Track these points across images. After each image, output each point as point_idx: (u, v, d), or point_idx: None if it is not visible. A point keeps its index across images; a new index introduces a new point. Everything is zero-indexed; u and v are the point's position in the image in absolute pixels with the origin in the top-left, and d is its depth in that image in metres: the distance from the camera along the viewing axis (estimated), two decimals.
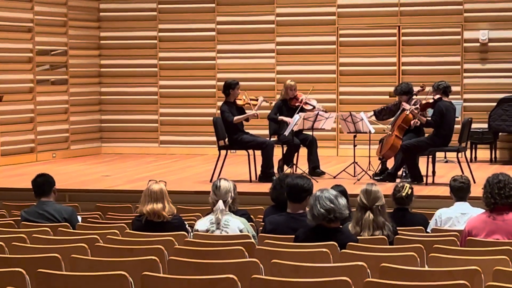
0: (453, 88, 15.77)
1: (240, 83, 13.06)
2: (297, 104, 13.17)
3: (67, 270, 5.99)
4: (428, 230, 8.06)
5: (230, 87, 12.70)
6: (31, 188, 8.57)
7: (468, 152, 13.96)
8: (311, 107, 13.19)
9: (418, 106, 12.35)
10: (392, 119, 12.96)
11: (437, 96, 12.21)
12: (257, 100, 13.01)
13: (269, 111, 13.41)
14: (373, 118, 13.19)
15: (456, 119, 14.92)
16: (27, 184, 8.77)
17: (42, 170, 9.39)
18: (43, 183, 8.50)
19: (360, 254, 6.18)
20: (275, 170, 12.89)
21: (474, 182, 10.54)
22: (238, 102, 12.79)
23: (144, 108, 17.49)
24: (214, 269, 5.75)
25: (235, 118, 12.58)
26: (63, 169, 14.61)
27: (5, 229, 7.93)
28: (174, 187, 11.30)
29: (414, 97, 12.87)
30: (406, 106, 12.59)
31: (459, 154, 12.56)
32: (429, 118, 12.27)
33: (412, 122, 12.47)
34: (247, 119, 12.80)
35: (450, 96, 12.63)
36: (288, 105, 13.28)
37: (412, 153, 12.24)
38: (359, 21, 16.53)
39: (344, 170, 13.00)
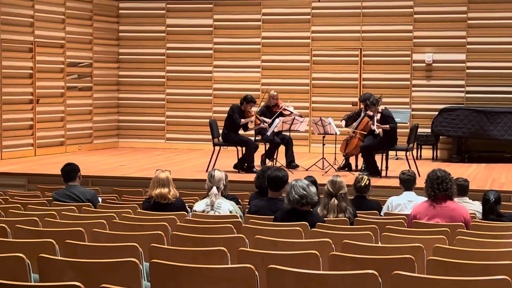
0: (403, 100, 15.99)
1: (232, 92, 13.08)
2: (278, 110, 13.21)
3: (89, 241, 5.97)
4: (382, 214, 8.05)
5: (245, 100, 12.70)
6: (61, 174, 8.55)
7: (414, 151, 14.01)
8: (289, 112, 13.23)
9: (371, 122, 12.37)
10: (355, 123, 12.97)
11: (381, 108, 12.22)
12: (260, 123, 13.00)
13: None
14: (343, 123, 13.17)
15: (405, 124, 15.05)
16: (57, 171, 8.73)
17: (70, 160, 9.36)
18: (70, 171, 8.46)
19: (326, 232, 6.17)
20: (259, 163, 12.89)
21: (419, 176, 10.56)
22: (249, 114, 12.79)
23: (154, 111, 17.47)
24: (209, 242, 5.74)
25: (242, 120, 12.63)
26: (87, 159, 14.58)
27: (39, 207, 7.91)
28: (177, 175, 11.29)
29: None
30: (369, 113, 12.61)
31: (408, 153, 12.60)
32: (391, 125, 12.31)
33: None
34: (246, 125, 12.81)
35: (401, 106, 12.66)
36: (270, 110, 13.32)
37: (369, 152, 12.28)
38: (329, 44, 16.55)
39: (314, 164, 13.01)
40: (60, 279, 4.60)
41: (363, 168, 12.56)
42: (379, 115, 12.31)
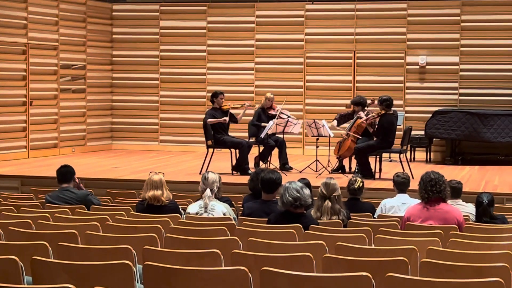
0: (397, 102, 15.98)
1: (226, 94, 13.07)
2: (273, 113, 13.21)
3: (82, 243, 5.97)
4: (375, 216, 8.05)
5: (214, 96, 12.73)
6: (54, 176, 8.50)
7: (408, 153, 14.03)
8: (285, 117, 13.21)
9: (365, 119, 12.39)
10: (347, 124, 13.00)
11: (382, 112, 12.23)
12: (240, 106, 12.91)
13: (251, 118, 13.47)
14: (335, 123, 13.17)
15: (399, 127, 15.05)
16: (51, 173, 8.72)
17: (64, 162, 9.34)
18: (66, 172, 8.44)
19: (320, 234, 6.17)
20: (252, 165, 12.89)
21: (413, 178, 10.55)
22: (223, 107, 12.76)
23: (147, 113, 17.45)
24: (202, 244, 5.73)
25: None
26: (81, 161, 14.55)
27: (32, 209, 7.90)
28: (171, 177, 11.26)
29: (366, 108, 12.92)
30: (361, 115, 12.65)
31: (401, 155, 12.61)
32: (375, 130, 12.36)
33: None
34: (223, 123, 12.63)
35: (394, 108, 12.67)
36: (266, 112, 13.32)
37: (363, 154, 12.28)
38: (322, 46, 16.57)
39: (308, 166, 13.01)
40: (53, 281, 4.59)
41: (356, 170, 12.57)
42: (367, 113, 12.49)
